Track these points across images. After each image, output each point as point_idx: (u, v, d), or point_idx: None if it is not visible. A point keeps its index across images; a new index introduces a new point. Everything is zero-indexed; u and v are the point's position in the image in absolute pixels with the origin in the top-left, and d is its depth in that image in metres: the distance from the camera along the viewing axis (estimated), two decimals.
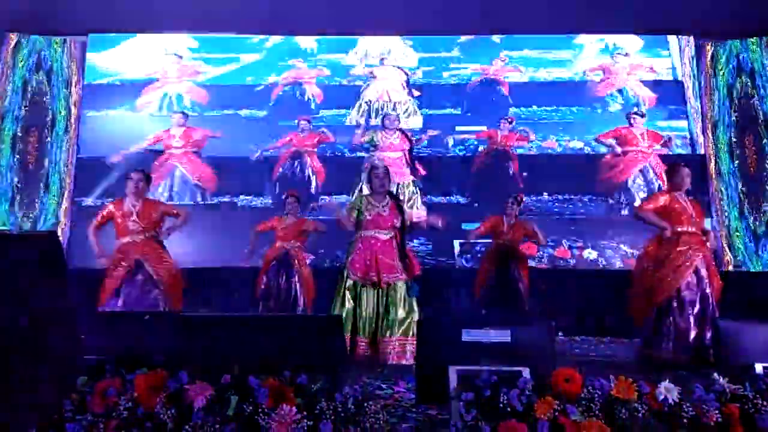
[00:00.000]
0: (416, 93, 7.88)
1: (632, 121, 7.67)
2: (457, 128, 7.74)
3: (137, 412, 2.17)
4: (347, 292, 4.63)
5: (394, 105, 7.82)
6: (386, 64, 7.94)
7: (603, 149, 7.70)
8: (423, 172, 7.61)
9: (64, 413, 2.19)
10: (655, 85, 7.93)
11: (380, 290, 4.56)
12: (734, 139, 7.72)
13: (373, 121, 7.83)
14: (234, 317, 3.12)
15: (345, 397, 2.22)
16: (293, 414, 2.12)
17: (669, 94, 7.85)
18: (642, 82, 7.94)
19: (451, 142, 7.72)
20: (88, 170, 7.79)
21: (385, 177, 4.78)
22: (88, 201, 7.66)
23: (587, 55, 8.00)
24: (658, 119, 7.80)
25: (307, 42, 8.05)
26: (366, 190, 5.83)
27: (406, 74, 7.93)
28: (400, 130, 7.60)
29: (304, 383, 2.24)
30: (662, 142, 7.64)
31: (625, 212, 7.39)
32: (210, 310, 6.40)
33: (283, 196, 6.30)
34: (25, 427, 2.11)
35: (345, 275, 4.71)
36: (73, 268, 6.58)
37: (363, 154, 7.73)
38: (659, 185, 7.33)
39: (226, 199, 7.69)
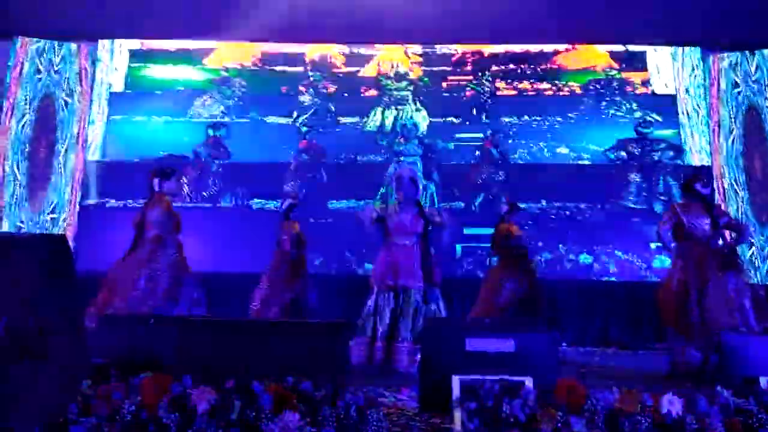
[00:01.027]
0: (419, 103, 8.19)
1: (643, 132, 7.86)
2: (456, 135, 8.02)
3: (141, 416, 2.18)
4: (371, 297, 4.69)
5: (403, 113, 8.11)
6: (398, 78, 8.28)
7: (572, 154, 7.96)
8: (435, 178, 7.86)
9: (69, 416, 2.21)
10: (636, 97, 8.06)
11: (399, 296, 4.59)
12: (741, 150, 7.71)
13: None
14: (238, 322, 3.14)
15: (347, 404, 2.22)
16: (296, 420, 2.13)
17: (649, 105, 8.01)
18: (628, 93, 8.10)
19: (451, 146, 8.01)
20: (102, 174, 7.89)
21: (410, 186, 4.82)
22: (102, 203, 7.80)
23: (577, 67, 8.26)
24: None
25: (335, 56, 8.39)
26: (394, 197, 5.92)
27: (414, 85, 8.23)
28: (417, 137, 7.80)
29: (308, 389, 2.25)
30: None
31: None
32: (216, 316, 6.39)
33: (285, 204, 6.17)
34: (30, 429, 2.13)
35: (371, 281, 4.81)
36: (80, 271, 6.64)
37: (376, 158, 7.98)
38: None
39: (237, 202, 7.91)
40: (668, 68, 8.13)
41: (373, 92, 8.23)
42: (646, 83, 8.11)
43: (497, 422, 2.20)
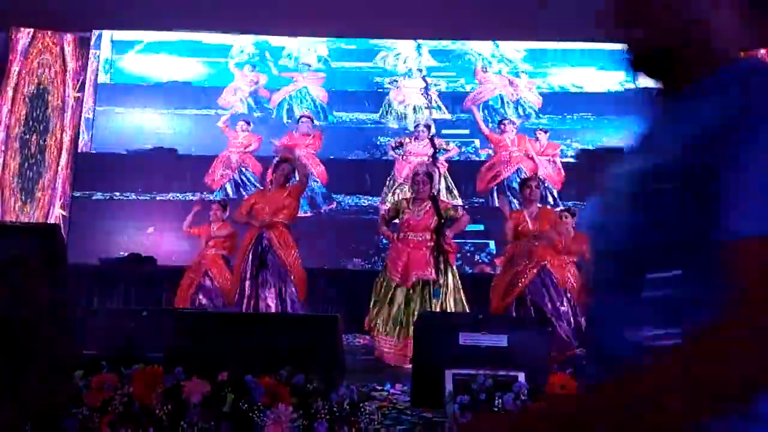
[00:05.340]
0: (436, 100, 8.18)
1: (503, 128, 7.89)
2: (443, 131, 8.04)
3: (133, 407, 2.18)
4: (382, 291, 4.71)
5: (414, 108, 8.13)
6: (408, 74, 8.27)
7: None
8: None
9: (60, 407, 2.19)
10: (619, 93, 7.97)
11: (410, 291, 4.59)
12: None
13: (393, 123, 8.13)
14: (231, 314, 3.13)
15: (340, 397, 2.22)
16: (288, 413, 2.13)
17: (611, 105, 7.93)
18: (593, 93, 8.01)
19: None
20: (89, 165, 7.81)
21: (423, 183, 4.81)
22: (89, 196, 7.74)
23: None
24: (610, 129, 7.89)
25: (322, 49, 8.31)
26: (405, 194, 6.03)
27: (426, 83, 8.24)
28: (429, 138, 7.85)
29: (300, 383, 2.25)
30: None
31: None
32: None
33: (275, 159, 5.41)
34: (21, 419, 2.11)
35: (382, 274, 4.83)
36: (72, 263, 6.60)
37: (363, 156, 7.98)
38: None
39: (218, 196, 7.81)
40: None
41: (384, 88, 8.17)
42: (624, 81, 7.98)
43: None
